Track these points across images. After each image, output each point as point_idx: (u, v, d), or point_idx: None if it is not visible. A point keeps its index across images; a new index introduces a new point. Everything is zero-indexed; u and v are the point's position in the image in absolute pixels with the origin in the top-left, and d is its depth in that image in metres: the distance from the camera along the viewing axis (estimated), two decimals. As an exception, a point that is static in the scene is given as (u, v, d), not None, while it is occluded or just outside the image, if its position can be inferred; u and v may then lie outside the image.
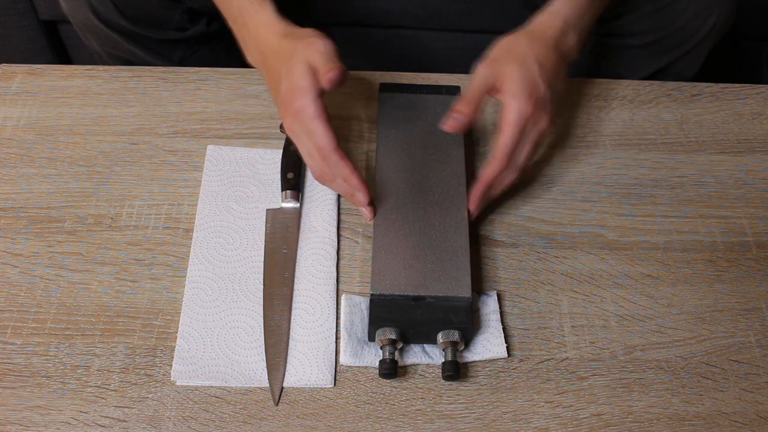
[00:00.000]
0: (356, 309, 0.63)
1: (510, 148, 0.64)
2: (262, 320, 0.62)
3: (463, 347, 0.60)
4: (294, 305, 0.63)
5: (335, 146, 0.62)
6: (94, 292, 0.64)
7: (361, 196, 0.65)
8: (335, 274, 0.65)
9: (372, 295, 0.59)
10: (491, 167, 0.65)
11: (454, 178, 0.67)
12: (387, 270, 0.60)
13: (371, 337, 0.59)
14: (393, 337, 0.58)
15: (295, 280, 0.65)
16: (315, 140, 0.62)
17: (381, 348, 0.59)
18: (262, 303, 0.63)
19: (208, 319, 0.62)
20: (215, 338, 0.61)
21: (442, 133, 0.71)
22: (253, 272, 0.66)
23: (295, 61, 0.63)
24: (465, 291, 0.59)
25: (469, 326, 0.59)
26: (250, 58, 0.71)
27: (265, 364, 0.60)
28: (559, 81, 0.68)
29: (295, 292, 0.64)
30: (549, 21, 0.69)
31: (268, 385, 0.59)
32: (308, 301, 0.64)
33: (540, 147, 0.70)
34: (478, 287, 0.65)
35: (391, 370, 0.57)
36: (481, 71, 0.66)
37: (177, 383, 0.59)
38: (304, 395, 0.59)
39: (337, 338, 0.62)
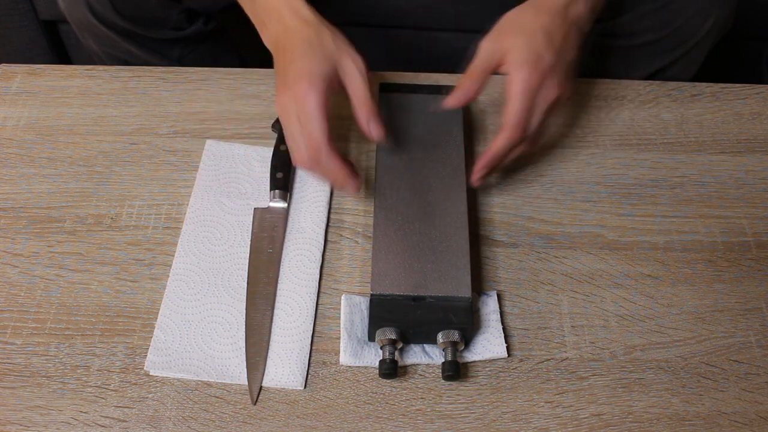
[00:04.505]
0: (356, 309, 0.63)
1: (519, 118, 0.63)
2: (241, 317, 0.62)
3: (463, 347, 0.60)
4: (276, 305, 0.63)
5: (328, 140, 0.61)
6: (94, 292, 0.64)
7: (352, 186, 0.63)
8: (318, 276, 0.65)
9: (372, 295, 0.59)
10: (501, 139, 0.64)
11: (454, 178, 0.67)
12: (387, 270, 0.60)
13: (371, 337, 0.59)
14: (393, 337, 0.58)
15: (279, 280, 0.65)
16: (309, 129, 0.60)
17: (381, 348, 0.59)
18: (243, 300, 0.63)
19: (188, 312, 0.62)
20: (192, 332, 0.61)
21: (442, 133, 0.71)
22: (237, 269, 0.65)
23: (319, 49, 0.62)
24: (465, 291, 0.59)
25: (469, 326, 0.59)
26: (265, 35, 0.68)
27: (239, 361, 0.60)
28: (568, 50, 0.66)
29: (278, 293, 0.64)
30: None
31: (240, 382, 0.59)
32: (288, 302, 0.63)
33: (554, 117, 0.68)
34: (478, 287, 0.65)
35: (391, 370, 0.57)
36: (486, 46, 0.65)
37: (150, 373, 0.59)
38: (304, 395, 0.59)
39: (313, 341, 0.61)
